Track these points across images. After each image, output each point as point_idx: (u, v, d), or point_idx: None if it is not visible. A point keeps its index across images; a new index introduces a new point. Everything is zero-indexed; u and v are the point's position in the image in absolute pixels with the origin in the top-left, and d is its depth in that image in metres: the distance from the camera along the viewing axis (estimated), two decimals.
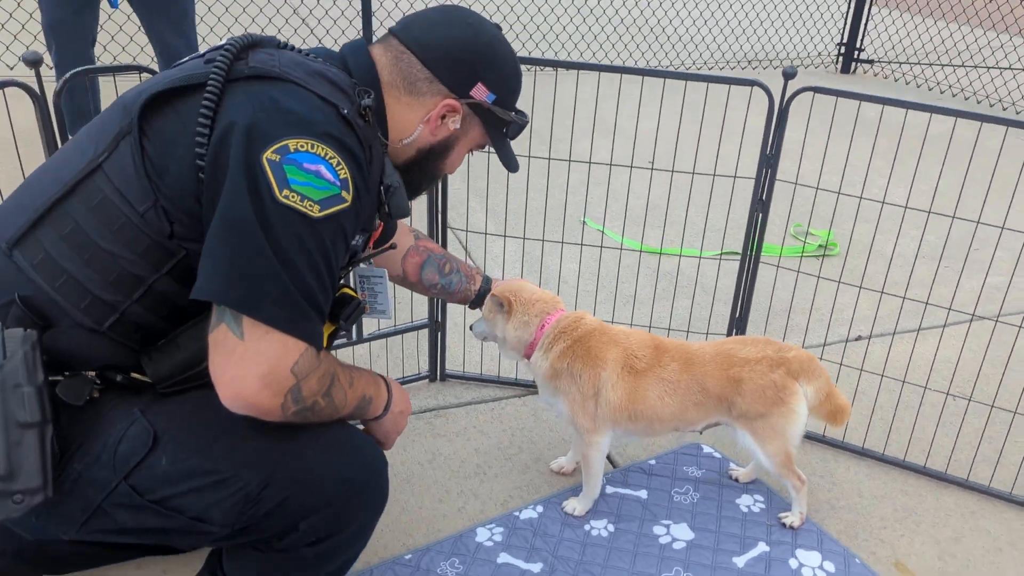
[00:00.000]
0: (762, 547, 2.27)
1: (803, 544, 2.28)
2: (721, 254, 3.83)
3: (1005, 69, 6.60)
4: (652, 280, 3.66)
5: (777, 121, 2.34)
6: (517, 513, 2.35)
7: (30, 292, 1.43)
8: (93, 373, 1.47)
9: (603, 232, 4.00)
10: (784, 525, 2.33)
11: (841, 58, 7.38)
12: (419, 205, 2.55)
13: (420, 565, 2.16)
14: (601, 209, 4.16)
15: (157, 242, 1.43)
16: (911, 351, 2.98)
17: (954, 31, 7.68)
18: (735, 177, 2.67)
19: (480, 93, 1.68)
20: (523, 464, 2.56)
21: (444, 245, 2.70)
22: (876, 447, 2.65)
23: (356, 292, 1.87)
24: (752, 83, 2.34)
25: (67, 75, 2.04)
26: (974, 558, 2.28)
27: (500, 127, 1.77)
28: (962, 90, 6.58)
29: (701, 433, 2.59)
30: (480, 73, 1.68)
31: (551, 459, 2.56)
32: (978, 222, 2.44)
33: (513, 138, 1.83)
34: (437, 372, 2.92)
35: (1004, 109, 5.78)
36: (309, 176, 1.39)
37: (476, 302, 2.34)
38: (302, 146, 1.40)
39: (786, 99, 2.31)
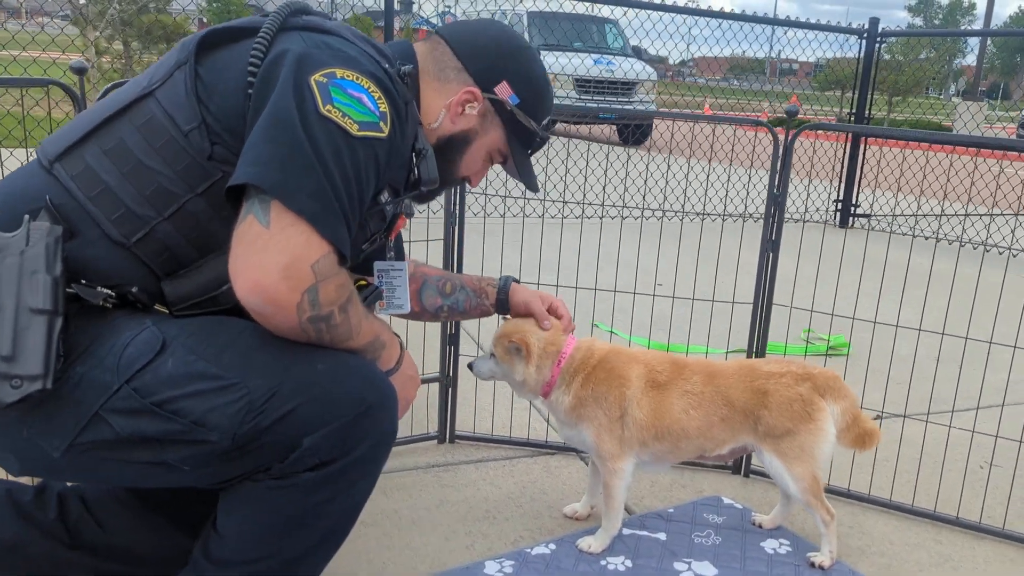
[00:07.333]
0: None
1: None
2: (727, 352, 3.81)
3: (997, 215, 6.86)
4: None
5: (783, 159, 2.43)
6: (528, 550, 2.22)
7: (64, 201, 1.46)
8: (108, 290, 1.46)
9: (612, 333, 4.01)
10: (813, 565, 2.18)
11: (838, 214, 7.69)
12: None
13: None
14: (608, 319, 4.20)
15: (196, 162, 1.47)
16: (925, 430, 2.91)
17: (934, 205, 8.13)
18: (733, 303, 2.73)
19: (503, 91, 1.77)
20: (535, 511, 2.44)
21: None
22: (904, 502, 2.53)
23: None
24: (757, 123, 2.45)
25: (108, 86, 2.18)
26: None
27: (522, 138, 1.84)
28: (957, 239, 6.78)
29: (727, 464, 2.50)
30: (506, 72, 1.77)
31: (564, 507, 2.44)
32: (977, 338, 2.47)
33: (533, 152, 1.90)
34: (447, 432, 2.84)
35: (1000, 253, 5.97)
36: (352, 100, 1.46)
37: (501, 309, 2.21)
38: (348, 76, 1.47)
39: (790, 138, 2.41)
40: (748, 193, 3.61)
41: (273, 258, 1.35)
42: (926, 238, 3.46)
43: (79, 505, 1.84)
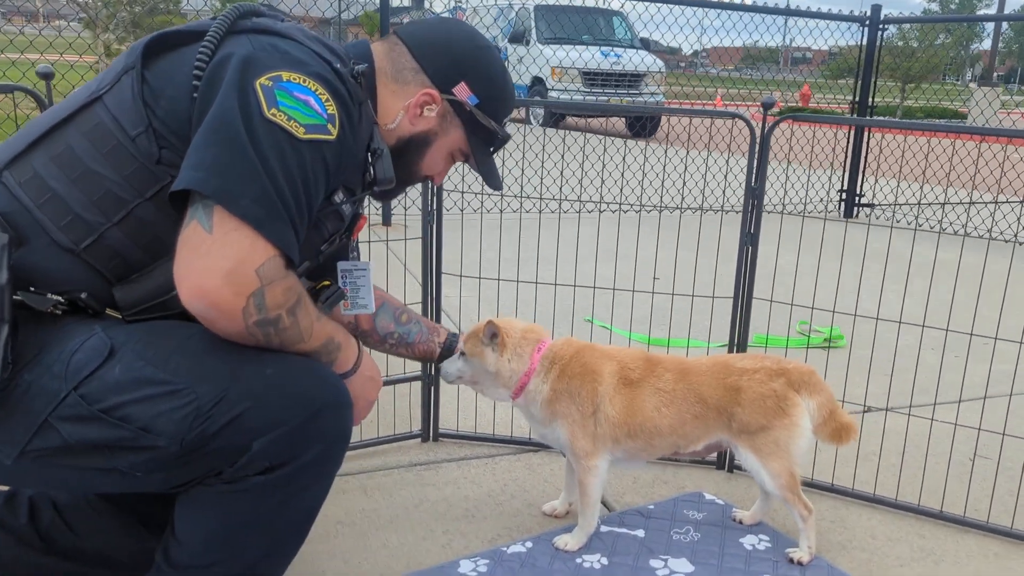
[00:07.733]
0: None
1: None
2: (709, 345, 3.77)
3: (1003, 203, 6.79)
4: None
5: (760, 151, 2.40)
6: (504, 548, 2.21)
7: (12, 208, 1.46)
8: (58, 296, 1.46)
9: (594, 323, 4.00)
10: (792, 561, 2.17)
11: (843, 204, 7.62)
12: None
13: None
14: (590, 314, 4.18)
15: (144, 166, 1.47)
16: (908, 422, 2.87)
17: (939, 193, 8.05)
18: (714, 297, 2.72)
19: (462, 92, 1.76)
20: (514, 509, 2.43)
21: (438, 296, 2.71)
22: (888, 496, 2.50)
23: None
24: (734, 115, 2.43)
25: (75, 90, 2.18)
26: None
27: (482, 137, 1.83)
28: (963, 226, 6.69)
29: (703, 460, 2.48)
30: (464, 72, 1.76)
31: (544, 505, 2.43)
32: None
33: (494, 152, 1.89)
34: (430, 431, 2.84)
35: (1007, 242, 5.90)
36: (298, 103, 1.45)
37: (443, 356, 2.21)
38: (295, 78, 1.46)
39: (767, 129, 2.39)
40: (723, 187, 3.57)
41: (216, 263, 1.35)
42: (930, 228, 3.41)
43: (51, 509, 1.85)
